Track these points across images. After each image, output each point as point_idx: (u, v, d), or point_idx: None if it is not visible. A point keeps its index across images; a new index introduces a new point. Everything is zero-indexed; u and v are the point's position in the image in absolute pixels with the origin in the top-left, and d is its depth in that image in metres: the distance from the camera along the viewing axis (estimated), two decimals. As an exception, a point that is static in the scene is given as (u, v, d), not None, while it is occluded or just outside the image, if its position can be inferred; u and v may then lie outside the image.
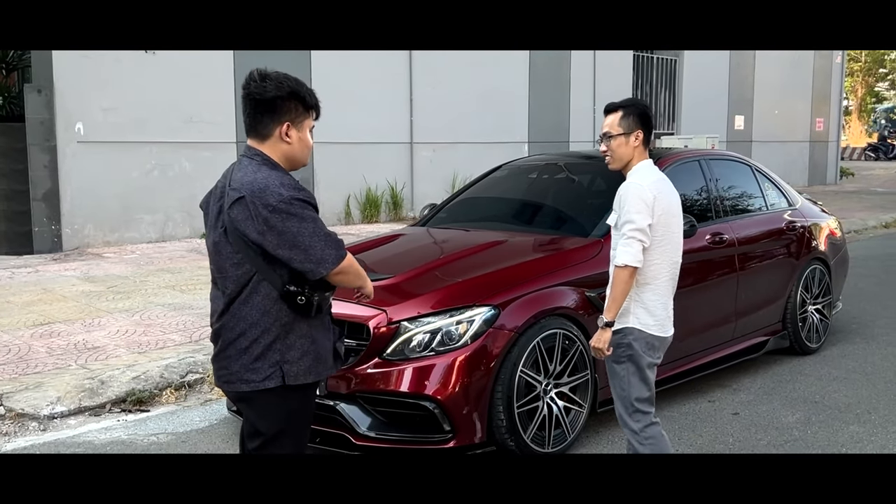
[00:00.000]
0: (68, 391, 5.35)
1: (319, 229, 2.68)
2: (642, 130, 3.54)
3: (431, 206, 6.19)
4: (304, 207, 2.66)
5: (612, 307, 3.42)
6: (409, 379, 4.03)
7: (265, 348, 2.72)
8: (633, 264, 3.35)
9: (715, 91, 20.24)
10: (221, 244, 2.75)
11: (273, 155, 2.76)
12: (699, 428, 4.85)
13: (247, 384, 2.75)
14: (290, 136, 2.75)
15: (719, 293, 5.57)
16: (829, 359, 6.28)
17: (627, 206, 3.38)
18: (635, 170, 3.54)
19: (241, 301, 2.72)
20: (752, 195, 6.24)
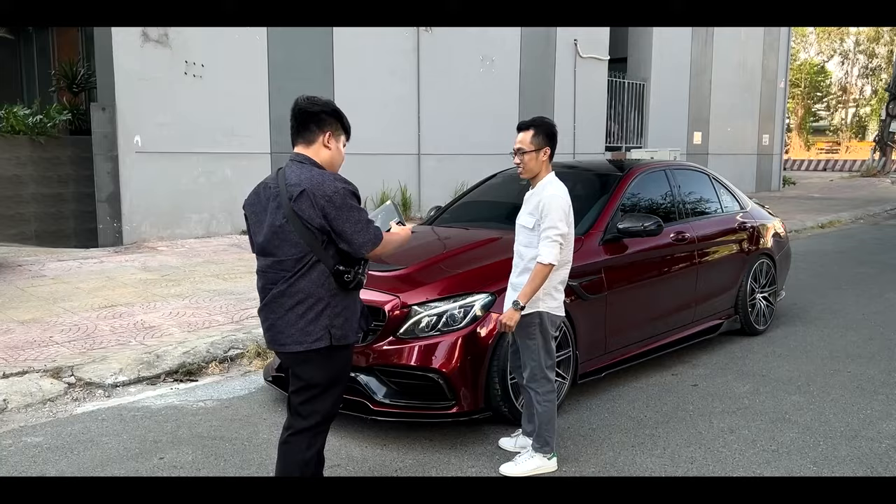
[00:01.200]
0: (129, 364, 5.35)
1: (363, 217, 2.87)
2: (549, 147, 3.63)
3: (437, 208, 6.18)
4: (352, 198, 2.86)
5: (528, 294, 3.52)
6: (418, 354, 4.03)
7: (317, 315, 2.86)
8: (555, 262, 3.49)
9: (677, 111, 20.20)
10: (283, 232, 2.84)
11: (317, 158, 2.94)
12: (664, 398, 4.84)
13: (300, 345, 2.88)
14: (331, 144, 2.95)
15: (681, 283, 5.56)
16: (774, 339, 6.28)
17: (553, 213, 3.48)
18: (549, 181, 3.63)
19: (299, 276, 2.84)
20: (710, 200, 6.23)
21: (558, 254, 3.49)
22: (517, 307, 3.51)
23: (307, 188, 2.80)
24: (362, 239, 2.86)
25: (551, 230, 3.47)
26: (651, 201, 5.63)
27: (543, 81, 15.97)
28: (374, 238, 2.89)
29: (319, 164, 2.93)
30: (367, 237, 2.86)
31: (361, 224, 2.85)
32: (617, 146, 18.42)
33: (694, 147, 20.64)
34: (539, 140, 3.60)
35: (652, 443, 4.11)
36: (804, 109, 53.23)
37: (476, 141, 14.41)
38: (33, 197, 11.35)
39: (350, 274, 2.89)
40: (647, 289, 5.21)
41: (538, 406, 3.66)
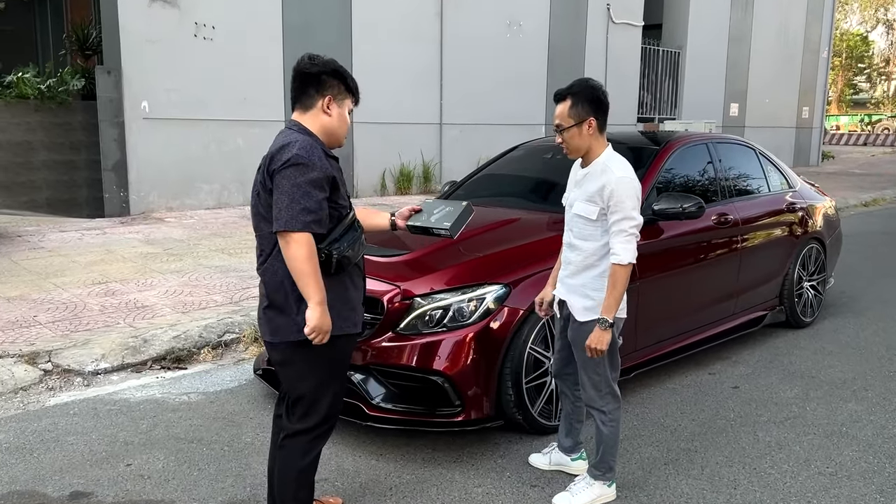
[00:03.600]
0: (113, 349, 4.91)
1: (298, 189, 2.39)
2: (595, 117, 2.88)
3: (451, 183, 5.61)
4: (299, 170, 2.40)
5: (613, 306, 2.84)
6: (420, 354, 3.50)
7: (297, 301, 2.49)
8: (634, 261, 2.85)
9: (713, 81, 19.28)
10: (257, 204, 2.55)
11: (313, 126, 2.56)
12: (701, 401, 4.28)
13: (275, 335, 2.57)
14: (331, 109, 2.56)
15: (722, 271, 4.96)
16: (822, 333, 5.66)
17: (626, 201, 2.81)
18: (608, 159, 2.92)
19: (272, 257, 2.52)
20: (756, 177, 5.58)
21: (635, 249, 2.84)
22: (604, 325, 2.84)
23: (272, 153, 2.48)
24: (277, 211, 2.39)
25: (626, 222, 2.82)
26: (690, 179, 5.01)
27: (573, 48, 15.20)
28: (289, 218, 2.36)
29: (313, 132, 2.54)
30: (284, 212, 2.37)
31: (290, 199, 2.37)
32: (649, 117, 17.61)
33: (730, 119, 19.75)
34: (579, 110, 2.88)
35: (688, 459, 3.56)
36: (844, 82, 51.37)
37: (501, 111, 13.76)
38: (44, 164, 11.01)
39: (322, 252, 2.46)
40: (684, 278, 4.62)
41: (603, 427, 3.07)
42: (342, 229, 2.54)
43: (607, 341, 2.86)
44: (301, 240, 2.38)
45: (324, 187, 2.45)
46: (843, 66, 50.49)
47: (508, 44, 13.93)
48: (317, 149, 2.48)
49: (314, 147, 2.47)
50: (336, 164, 2.60)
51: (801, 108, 22.43)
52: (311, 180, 2.40)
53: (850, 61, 51.20)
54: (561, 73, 14.53)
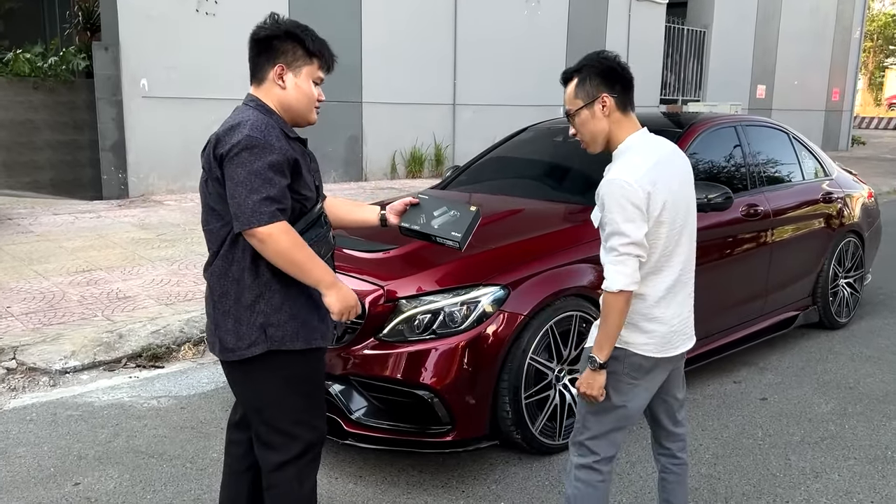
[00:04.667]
0: (85, 345, 4.54)
1: (256, 176, 1.98)
2: (609, 93, 2.23)
3: (455, 168, 5.16)
4: (252, 152, 1.99)
5: (605, 344, 2.18)
6: (405, 364, 3.07)
7: (248, 310, 2.09)
8: (630, 288, 2.13)
9: (740, 61, 18.53)
10: (204, 195, 2.14)
11: (268, 101, 2.15)
12: (725, 415, 3.82)
13: (233, 353, 2.12)
14: (285, 81, 2.14)
15: (751, 267, 4.47)
16: (858, 335, 5.16)
17: (613, 213, 2.11)
18: (624, 150, 2.24)
19: (222, 256, 2.11)
20: (789, 164, 5.07)
21: (635, 272, 2.13)
22: (594, 366, 2.21)
23: (218, 135, 2.07)
24: (239, 209, 1.98)
25: (616, 239, 2.12)
26: (717, 165, 4.52)
27: (594, 26, 14.57)
28: (256, 215, 1.96)
29: (269, 106, 2.14)
30: (249, 208, 1.96)
31: (248, 189, 1.97)
32: (673, 99, 16.96)
33: (757, 101, 19.02)
34: (587, 87, 2.24)
35: (710, 489, 3.11)
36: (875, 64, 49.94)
37: (517, 91, 13.22)
38: (47, 144, 10.70)
39: None
40: (709, 276, 4.13)
41: (566, 485, 2.39)
42: (305, 224, 2.13)
43: (599, 386, 2.20)
44: (275, 232, 1.97)
45: (284, 172, 2.03)
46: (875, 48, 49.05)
47: (526, 21, 13.36)
48: (273, 128, 2.05)
49: (270, 126, 2.05)
50: (301, 146, 2.18)
51: (830, 90, 21.59)
52: (271, 164, 1.99)
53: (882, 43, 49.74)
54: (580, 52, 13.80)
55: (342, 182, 11.29)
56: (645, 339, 2.23)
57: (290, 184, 2.06)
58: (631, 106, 2.29)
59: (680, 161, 2.32)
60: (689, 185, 2.32)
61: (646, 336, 2.23)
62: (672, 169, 2.25)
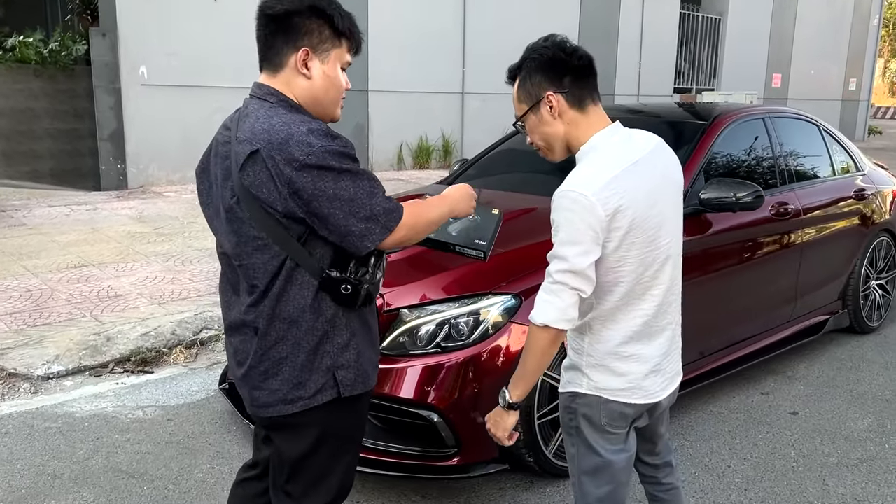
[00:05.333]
0: (70, 348, 4.28)
1: (362, 187, 1.68)
2: (555, 90, 1.81)
3: (462, 162, 4.86)
4: (341, 160, 1.66)
5: (519, 382, 1.82)
6: (406, 381, 2.79)
7: (311, 353, 1.74)
8: (559, 325, 1.71)
9: (755, 50, 18.08)
10: (236, 220, 1.72)
11: (288, 94, 1.76)
12: (753, 432, 3.53)
13: (292, 404, 1.75)
14: (311, 67, 1.75)
15: (780, 270, 4.16)
16: (891, 341, 4.85)
17: (559, 230, 1.73)
18: (581, 156, 1.82)
19: (273, 296, 1.72)
20: (819, 159, 4.75)
21: (570, 308, 1.71)
22: (504, 403, 1.86)
23: (262, 147, 1.64)
24: (362, 224, 1.68)
25: (554, 262, 1.74)
26: (745, 161, 4.21)
27: (607, 13, 14.19)
28: (385, 216, 1.71)
29: (294, 101, 1.76)
30: (372, 218, 1.69)
31: (359, 198, 1.67)
32: (686, 88, 16.56)
33: (772, 91, 18.58)
34: (528, 87, 1.84)
35: (741, 519, 2.83)
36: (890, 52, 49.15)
37: (528, 79, 12.85)
38: (47, 132, 10.45)
39: (349, 283, 1.72)
40: (735, 280, 3.85)
41: None
42: None
43: (505, 427, 1.85)
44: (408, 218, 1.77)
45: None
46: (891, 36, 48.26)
47: (537, 6, 12.99)
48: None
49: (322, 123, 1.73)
50: None
51: (847, 79, 21.11)
52: (356, 164, 1.71)
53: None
54: (593, 39, 13.56)
55: (347, 173, 11.01)
56: (621, 383, 1.82)
57: None
58: (592, 98, 1.84)
59: (665, 164, 1.84)
60: (674, 195, 1.85)
61: (621, 379, 1.82)
62: (651, 175, 1.77)
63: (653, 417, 1.96)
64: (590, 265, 1.70)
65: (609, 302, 1.79)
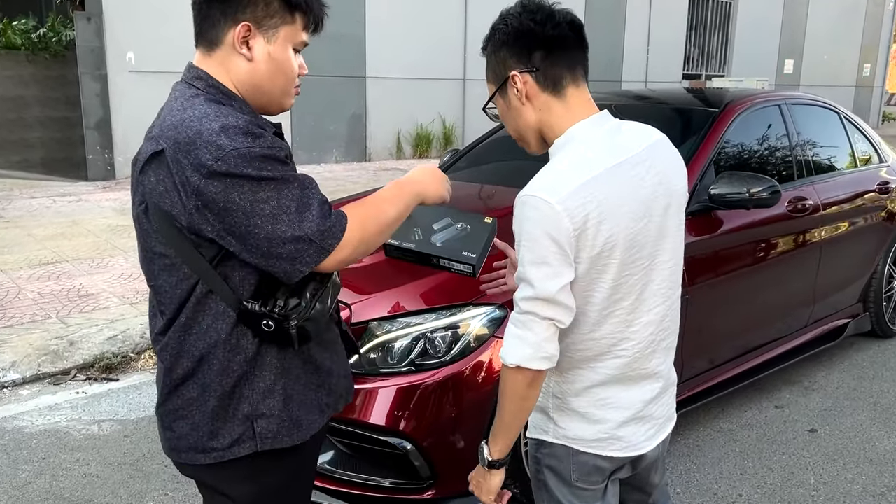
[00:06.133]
0: (28, 354, 3.98)
1: (290, 198, 1.31)
2: (522, 69, 1.43)
3: (453, 153, 4.51)
4: (261, 165, 1.29)
5: (498, 436, 1.48)
6: (376, 405, 2.46)
7: (224, 398, 1.41)
8: (534, 364, 1.36)
9: (767, 35, 17.58)
10: (143, 232, 1.41)
11: (224, 79, 1.42)
12: (768, 453, 3.18)
13: (206, 454, 1.43)
14: (252, 47, 1.41)
15: (797, 271, 3.81)
16: (916, 345, 4.50)
17: (521, 248, 1.37)
18: (554, 150, 1.47)
19: (180, 327, 1.40)
20: (840, 149, 4.37)
21: (546, 343, 1.36)
22: (483, 462, 1.52)
23: (167, 147, 1.32)
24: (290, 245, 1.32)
25: (521, 288, 1.39)
26: (759, 152, 3.84)
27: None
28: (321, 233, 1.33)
29: (229, 88, 1.42)
30: (303, 237, 1.31)
31: (286, 213, 1.31)
32: (696, 74, 16.10)
33: (784, 77, 18.10)
34: (495, 65, 1.49)
35: (755, 560, 2.49)
36: (904, 38, 48.29)
37: (532, 65, 12.47)
38: (38, 121, 10.19)
39: (271, 318, 1.36)
40: (748, 282, 3.49)
41: None
42: None
43: (490, 490, 1.51)
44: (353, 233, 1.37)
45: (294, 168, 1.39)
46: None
47: (541, -9, 12.59)
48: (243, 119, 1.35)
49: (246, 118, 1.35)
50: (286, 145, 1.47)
51: (861, 65, 20.57)
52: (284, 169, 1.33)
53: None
54: (600, 22, 13.14)
55: (344, 163, 10.67)
56: (593, 433, 1.47)
57: None
58: (572, 78, 1.43)
59: (663, 168, 1.45)
60: (671, 207, 1.46)
61: (594, 428, 1.47)
62: (640, 180, 1.40)
63: (639, 468, 1.60)
64: (561, 289, 1.34)
65: (578, 333, 1.43)
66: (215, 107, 1.37)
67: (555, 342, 1.38)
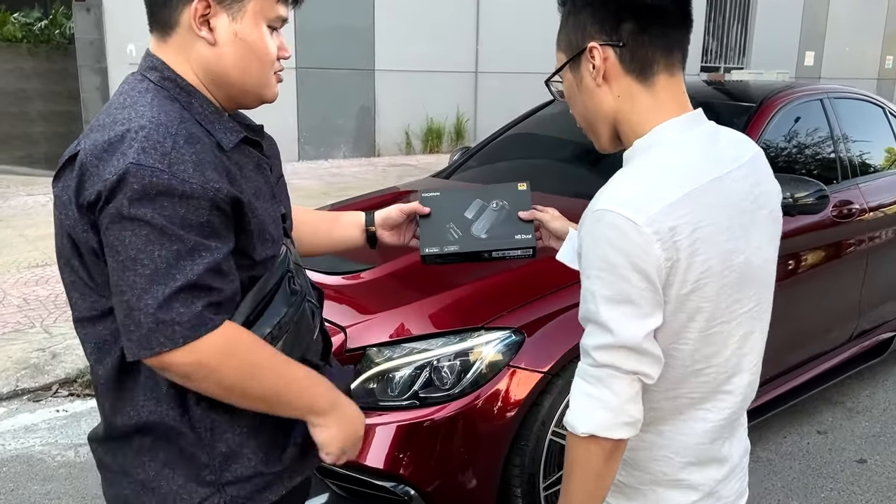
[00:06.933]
0: (6, 368, 3.71)
1: (155, 255, 1.02)
2: (604, 41, 1.09)
3: (463, 151, 4.19)
4: (152, 203, 1.01)
5: None
6: (374, 445, 2.15)
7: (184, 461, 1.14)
8: (615, 433, 1.03)
9: (787, 26, 17.11)
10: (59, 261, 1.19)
11: (183, 69, 1.15)
12: (812, 488, 2.86)
13: None
14: (215, 27, 1.13)
15: (841, 282, 3.47)
16: (966, 360, 4.14)
17: (591, 279, 1.04)
18: (632, 154, 1.12)
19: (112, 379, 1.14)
20: (887, 147, 4.02)
21: (628, 405, 1.03)
22: None
23: (82, 152, 1.07)
24: (129, 316, 1.03)
25: (592, 334, 1.05)
26: (800, 152, 3.50)
27: (630, -14, 13.36)
28: (160, 324, 1.02)
29: (187, 81, 1.15)
30: (148, 320, 1.02)
31: (143, 271, 1.01)
32: (714, 66, 15.67)
33: (804, 69, 17.62)
34: (570, 31, 1.14)
35: None
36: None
37: (545, 57, 12.07)
38: (41, 115, 9.97)
39: None
40: (788, 297, 3.15)
41: None
42: (257, 300, 1.13)
43: None
44: (207, 356, 1.04)
45: (216, 228, 1.05)
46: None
47: (556, -20, 12.21)
48: (189, 139, 1.05)
49: (172, 135, 1.04)
50: (253, 149, 1.20)
51: (884, 56, 20.05)
52: (185, 220, 1.02)
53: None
54: (615, 14, 12.74)
55: (351, 158, 10.37)
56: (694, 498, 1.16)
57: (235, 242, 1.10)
58: (667, 64, 1.12)
59: (763, 189, 1.14)
60: (770, 234, 1.17)
61: (694, 494, 1.16)
62: (740, 200, 1.09)
63: None
64: (648, 335, 1.03)
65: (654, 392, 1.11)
66: (155, 105, 1.08)
67: (639, 403, 1.06)
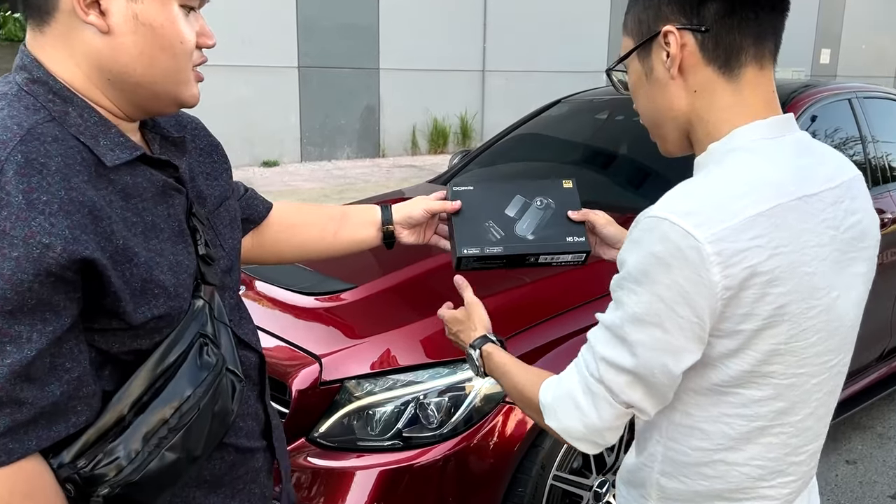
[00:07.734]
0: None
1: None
2: (683, 25, 0.89)
3: (464, 154, 3.94)
4: None
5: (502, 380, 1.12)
6: (352, 493, 1.90)
7: None
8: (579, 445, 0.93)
9: (803, 23, 16.78)
10: None
11: (65, 66, 0.87)
12: (844, 528, 2.59)
13: None
14: (108, 9, 0.85)
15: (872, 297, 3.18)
16: None
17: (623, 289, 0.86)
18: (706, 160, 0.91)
19: None
20: (919, 150, 3.75)
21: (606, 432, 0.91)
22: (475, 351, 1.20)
23: None
24: None
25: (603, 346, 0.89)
26: (828, 155, 3.23)
27: (642, -17, 13.10)
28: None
29: (63, 83, 0.86)
30: None
31: None
32: (727, 65, 15.39)
33: (820, 67, 17.30)
34: (641, 13, 0.94)
35: None
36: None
37: (556, 56, 11.89)
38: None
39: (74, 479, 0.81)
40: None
41: None
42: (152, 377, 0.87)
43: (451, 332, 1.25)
44: None
45: (35, 303, 0.76)
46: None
47: (565, -23, 11.95)
48: (9, 164, 0.77)
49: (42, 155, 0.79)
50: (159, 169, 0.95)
51: (902, 54, 19.68)
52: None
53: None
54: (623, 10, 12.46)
55: (355, 159, 10.14)
56: None
57: (106, 295, 0.82)
58: (756, 56, 0.92)
59: (865, 212, 0.96)
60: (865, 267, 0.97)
61: None
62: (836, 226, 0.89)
63: None
64: (669, 374, 0.85)
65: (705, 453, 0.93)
66: (22, 117, 0.81)
67: (620, 430, 0.92)
